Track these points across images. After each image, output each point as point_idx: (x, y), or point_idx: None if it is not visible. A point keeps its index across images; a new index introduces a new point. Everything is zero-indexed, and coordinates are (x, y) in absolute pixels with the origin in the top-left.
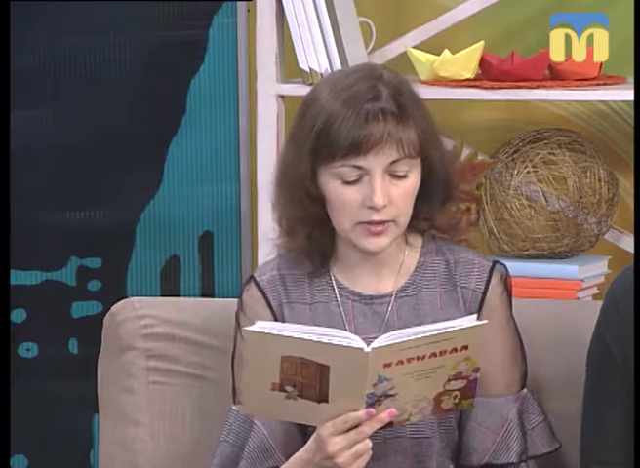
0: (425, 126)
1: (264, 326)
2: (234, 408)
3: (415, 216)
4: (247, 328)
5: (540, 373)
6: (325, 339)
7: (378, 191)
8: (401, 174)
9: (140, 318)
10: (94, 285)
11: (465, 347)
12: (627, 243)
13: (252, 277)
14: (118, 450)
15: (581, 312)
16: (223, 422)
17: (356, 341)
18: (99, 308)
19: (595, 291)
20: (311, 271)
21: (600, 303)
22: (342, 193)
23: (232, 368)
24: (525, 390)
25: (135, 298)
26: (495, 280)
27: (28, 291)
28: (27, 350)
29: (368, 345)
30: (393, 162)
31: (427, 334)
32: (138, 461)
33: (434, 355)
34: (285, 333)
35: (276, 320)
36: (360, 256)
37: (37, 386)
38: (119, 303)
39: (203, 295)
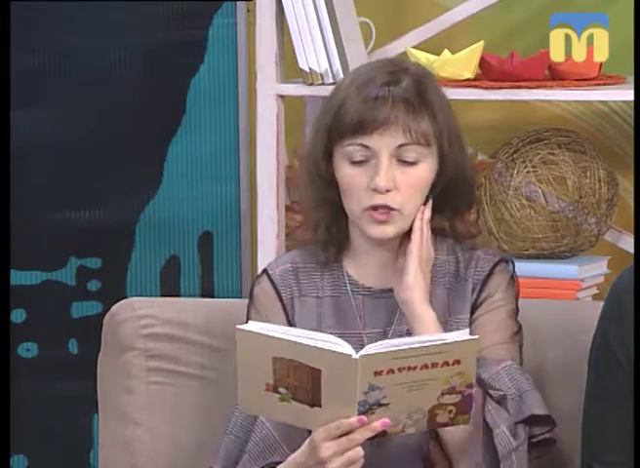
0: (443, 120)
1: (256, 326)
2: None
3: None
4: (238, 326)
5: (541, 373)
6: (314, 343)
7: (382, 173)
8: (409, 160)
9: (140, 318)
10: (94, 285)
11: (458, 361)
12: (627, 243)
13: (265, 270)
14: (118, 450)
15: (581, 312)
16: (230, 416)
17: (345, 348)
18: (98, 308)
19: (595, 291)
20: (324, 263)
21: (600, 303)
22: (350, 174)
23: None
24: (510, 361)
25: (135, 298)
26: (498, 270)
27: (28, 291)
28: (27, 350)
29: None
30: (401, 146)
31: (417, 346)
32: (138, 461)
33: (425, 367)
34: (274, 334)
35: (286, 313)
36: (371, 249)
37: (37, 386)
38: (119, 303)
39: (203, 295)
